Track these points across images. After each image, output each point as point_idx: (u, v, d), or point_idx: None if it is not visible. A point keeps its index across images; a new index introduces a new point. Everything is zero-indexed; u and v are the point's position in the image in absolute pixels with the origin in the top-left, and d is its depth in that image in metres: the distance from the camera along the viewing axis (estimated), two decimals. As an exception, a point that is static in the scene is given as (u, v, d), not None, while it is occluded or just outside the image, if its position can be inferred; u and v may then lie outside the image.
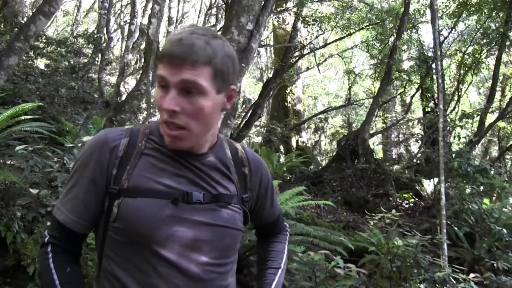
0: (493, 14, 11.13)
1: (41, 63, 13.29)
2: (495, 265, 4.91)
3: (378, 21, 13.51)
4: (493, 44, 11.88)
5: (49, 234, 1.28)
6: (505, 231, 5.74)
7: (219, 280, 1.24)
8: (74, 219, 1.24)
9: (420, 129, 12.97)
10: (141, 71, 11.57)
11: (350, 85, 16.86)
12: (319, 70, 16.69)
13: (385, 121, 16.42)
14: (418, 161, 12.36)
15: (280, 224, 1.63)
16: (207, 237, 1.21)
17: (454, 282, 3.50)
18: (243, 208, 1.33)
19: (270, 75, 14.45)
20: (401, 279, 3.85)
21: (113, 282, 1.20)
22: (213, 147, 1.32)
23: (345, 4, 13.34)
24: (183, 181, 1.23)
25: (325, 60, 16.28)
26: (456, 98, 12.97)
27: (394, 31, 13.36)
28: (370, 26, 13.86)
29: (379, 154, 17.22)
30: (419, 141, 11.97)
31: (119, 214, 1.17)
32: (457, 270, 3.73)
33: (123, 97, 11.22)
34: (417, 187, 10.39)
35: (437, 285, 3.37)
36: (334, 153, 14.29)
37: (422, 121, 11.72)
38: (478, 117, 11.13)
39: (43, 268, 1.24)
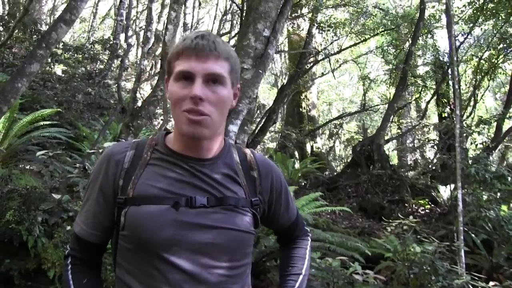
0: (510, 18, 11.03)
1: (58, 69, 13.48)
2: (514, 273, 4.85)
3: (393, 27, 13.46)
4: (510, 49, 11.77)
5: (70, 247, 1.37)
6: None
7: (228, 284, 1.25)
8: (87, 230, 1.32)
9: (436, 135, 12.86)
10: (156, 77, 11.66)
11: (365, 90, 16.78)
12: (333, 76, 16.66)
13: (400, 127, 16.32)
14: (434, 167, 12.26)
15: (300, 229, 1.63)
16: (213, 239, 1.23)
17: (473, 289, 3.47)
18: (252, 211, 1.34)
19: (285, 81, 14.48)
20: (418, 286, 3.82)
21: None
22: (220, 152, 1.37)
23: (360, 10, 13.32)
24: (187, 186, 1.26)
25: (339, 66, 16.25)
26: (472, 103, 12.86)
27: (409, 36, 13.31)
28: (385, 32, 13.81)
29: (394, 160, 17.11)
30: (435, 147, 11.85)
31: (126, 223, 1.23)
32: (476, 278, 3.69)
33: (139, 103, 11.33)
34: (433, 194, 10.29)
35: (455, 293, 3.35)
36: (349, 159, 14.23)
37: (438, 127, 11.62)
38: (495, 123, 11.03)
39: (64, 279, 1.31)
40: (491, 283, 3.58)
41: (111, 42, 13.65)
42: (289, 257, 1.56)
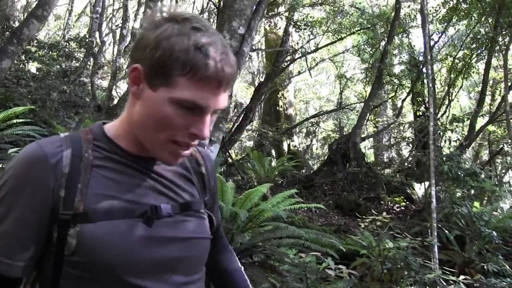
0: (482, 19, 11.28)
1: (32, 67, 13.25)
2: (485, 267, 4.95)
3: (369, 26, 13.61)
4: (483, 49, 12.04)
5: None
6: (495, 233, 5.78)
7: None
8: (6, 262, 0.95)
9: (411, 133, 13.07)
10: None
11: (341, 89, 16.95)
12: (310, 74, 16.78)
13: (377, 125, 16.53)
14: (409, 165, 12.44)
15: (222, 232, 1.44)
16: (182, 253, 1.06)
17: (444, 284, 3.54)
18: (207, 212, 1.18)
19: (262, 79, 14.51)
20: (392, 282, 3.88)
21: None
22: None
23: (336, 9, 13.43)
24: (147, 192, 1.05)
25: (316, 65, 16.37)
26: (446, 102, 13.11)
27: (385, 35, 13.47)
28: (361, 31, 13.97)
29: (371, 158, 17.32)
30: (410, 145, 12.04)
31: (78, 245, 0.94)
32: (448, 272, 3.77)
33: (115, 101, 11.21)
34: (408, 191, 10.45)
35: (427, 287, 3.41)
36: (326, 157, 14.34)
37: (413, 124, 11.81)
38: (469, 121, 11.27)
39: None
40: (461, 277, 3.65)
41: (87, 40, 13.49)
42: (233, 277, 1.37)
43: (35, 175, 0.96)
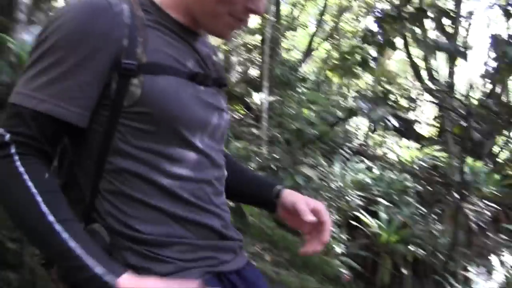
0: None
1: None
2: (304, 161, 5.41)
3: None
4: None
5: (11, 132, 0.90)
6: (316, 132, 6.28)
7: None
8: (64, 106, 0.90)
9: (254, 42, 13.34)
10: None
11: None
12: None
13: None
14: (252, 77, 12.74)
15: None
16: (219, 121, 1.11)
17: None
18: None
19: None
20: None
21: (134, 183, 0.97)
22: None
23: None
24: (192, 60, 1.07)
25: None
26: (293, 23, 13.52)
27: None
28: None
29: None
30: (251, 53, 12.30)
31: (143, 95, 0.94)
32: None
33: None
34: (247, 100, 10.76)
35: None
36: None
37: (253, 32, 11.99)
38: (308, 42, 11.84)
39: (6, 176, 0.88)
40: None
41: None
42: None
43: (101, 22, 0.92)
